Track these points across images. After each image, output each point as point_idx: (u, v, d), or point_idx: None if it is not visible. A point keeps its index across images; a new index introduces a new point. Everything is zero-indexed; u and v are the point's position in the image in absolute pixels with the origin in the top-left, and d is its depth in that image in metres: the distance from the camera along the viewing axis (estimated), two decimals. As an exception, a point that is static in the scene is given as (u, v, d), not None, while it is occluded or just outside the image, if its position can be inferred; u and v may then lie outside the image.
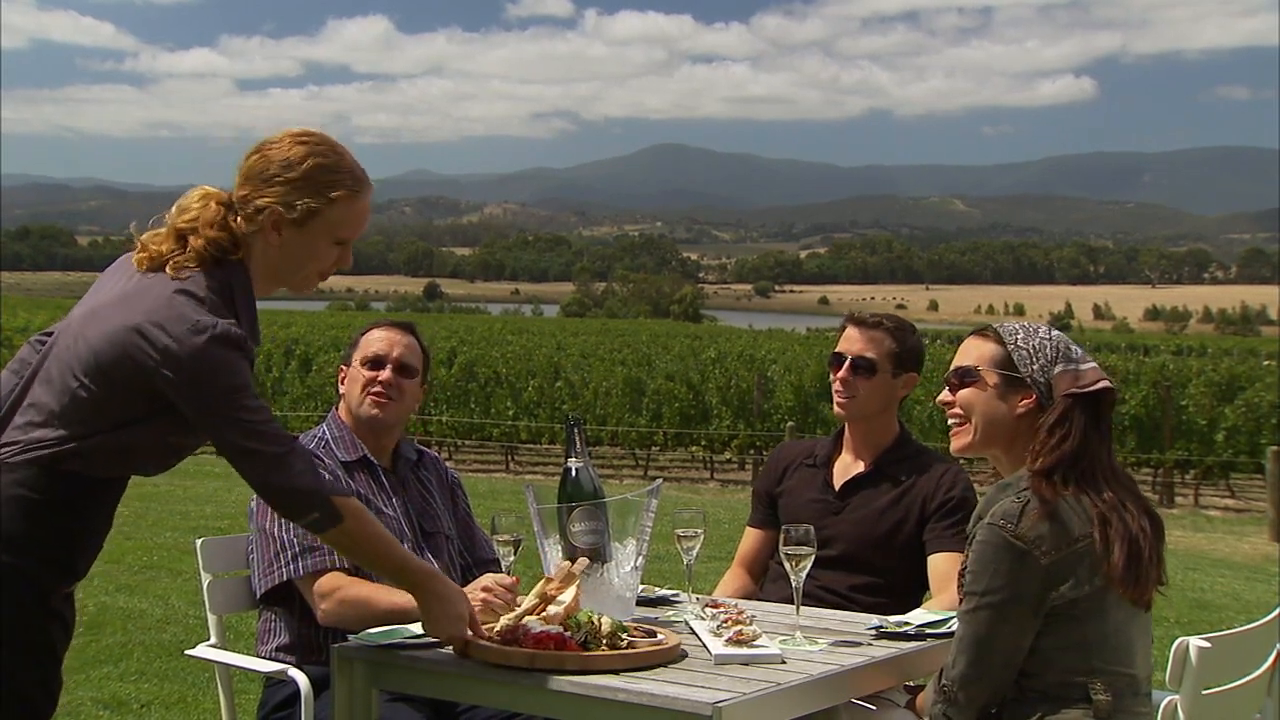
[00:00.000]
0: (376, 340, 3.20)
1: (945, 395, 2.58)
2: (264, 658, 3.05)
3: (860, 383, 3.27)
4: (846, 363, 3.28)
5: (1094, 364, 2.50)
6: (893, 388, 3.30)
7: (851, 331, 3.31)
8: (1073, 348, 2.52)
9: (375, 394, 3.14)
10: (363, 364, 3.18)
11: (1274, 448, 13.83)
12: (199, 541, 3.21)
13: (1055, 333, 2.55)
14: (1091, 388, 2.46)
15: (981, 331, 2.60)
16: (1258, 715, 2.57)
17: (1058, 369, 2.48)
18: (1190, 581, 8.73)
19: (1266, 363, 31.37)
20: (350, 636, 2.62)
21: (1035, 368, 2.49)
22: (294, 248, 2.40)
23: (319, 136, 2.44)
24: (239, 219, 2.39)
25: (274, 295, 2.56)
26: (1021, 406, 2.49)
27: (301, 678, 2.86)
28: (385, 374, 3.15)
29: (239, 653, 3.22)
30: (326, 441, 3.15)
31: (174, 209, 2.44)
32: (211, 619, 3.19)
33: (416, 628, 2.62)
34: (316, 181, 2.37)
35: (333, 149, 2.42)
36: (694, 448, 18.31)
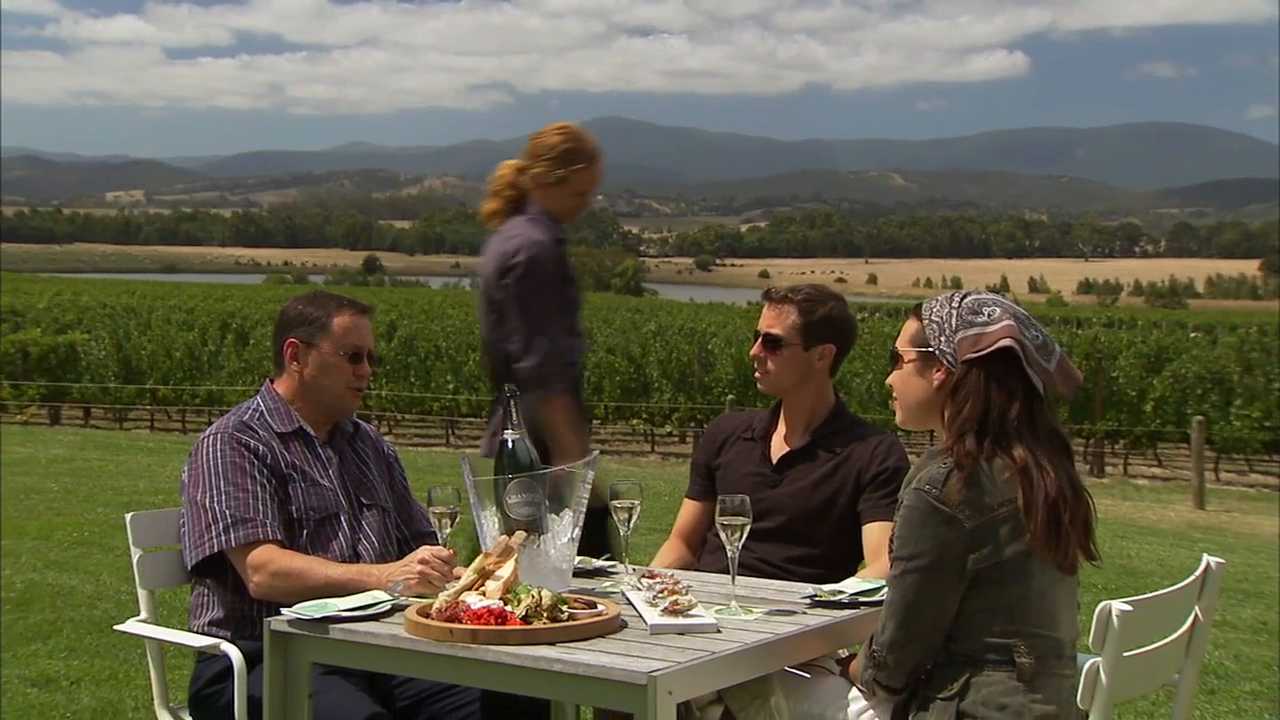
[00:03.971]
0: (354, 330, 3.13)
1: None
2: (196, 632, 3.01)
3: (770, 357, 3.32)
4: (759, 339, 3.34)
5: (1006, 322, 2.45)
6: (806, 360, 3.32)
7: (764, 308, 3.39)
8: (984, 309, 2.48)
9: (359, 389, 3.15)
10: (343, 354, 3.10)
11: (1199, 418, 14.20)
12: (129, 516, 3.16)
13: (972, 297, 2.52)
14: (986, 350, 2.44)
15: (915, 309, 2.61)
16: (1176, 675, 2.65)
17: (959, 336, 2.47)
18: (1119, 549, 8.95)
19: (1193, 335, 32.15)
20: (284, 610, 2.60)
21: (942, 340, 2.49)
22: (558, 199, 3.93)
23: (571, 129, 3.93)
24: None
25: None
26: (936, 380, 2.51)
27: (234, 652, 2.83)
28: (366, 368, 3.15)
29: (172, 628, 3.18)
30: (261, 413, 3.11)
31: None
32: (142, 594, 3.14)
33: (351, 600, 2.61)
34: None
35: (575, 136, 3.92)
36: (635, 421, 18.38)
